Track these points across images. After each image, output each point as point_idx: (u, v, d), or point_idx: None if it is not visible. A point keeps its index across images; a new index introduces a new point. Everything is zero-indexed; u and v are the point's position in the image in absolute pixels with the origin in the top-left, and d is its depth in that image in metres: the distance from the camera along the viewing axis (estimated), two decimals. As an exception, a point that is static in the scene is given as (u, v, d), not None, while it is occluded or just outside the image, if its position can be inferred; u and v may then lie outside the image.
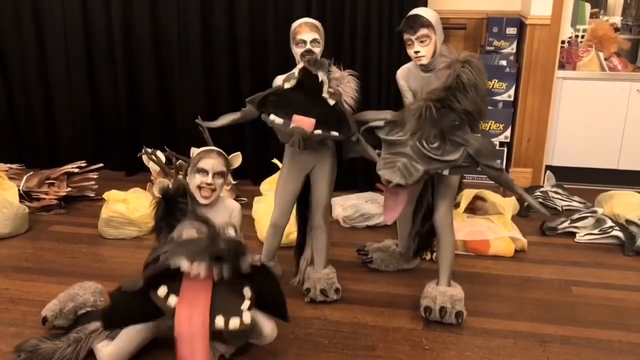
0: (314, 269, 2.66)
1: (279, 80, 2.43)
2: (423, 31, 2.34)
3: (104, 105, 4.26)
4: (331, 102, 2.31)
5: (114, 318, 2.05)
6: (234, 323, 1.88)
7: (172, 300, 1.88)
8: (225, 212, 2.28)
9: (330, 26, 3.76)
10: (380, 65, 3.84)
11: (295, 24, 2.46)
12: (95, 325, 2.19)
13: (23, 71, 4.23)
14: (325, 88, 2.30)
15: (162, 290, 1.88)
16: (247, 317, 1.91)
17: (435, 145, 2.19)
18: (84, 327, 2.22)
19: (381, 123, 2.32)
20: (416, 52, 2.38)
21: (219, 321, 1.87)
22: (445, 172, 2.25)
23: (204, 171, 2.18)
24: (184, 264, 1.83)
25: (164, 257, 1.89)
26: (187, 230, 1.97)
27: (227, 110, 2.61)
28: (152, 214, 2.17)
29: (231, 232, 1.94)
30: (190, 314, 1.86)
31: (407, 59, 2.55)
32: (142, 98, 4.19)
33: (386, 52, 3.82)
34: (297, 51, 2.42)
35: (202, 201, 2.19)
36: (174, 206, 2.12)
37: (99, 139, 4.33)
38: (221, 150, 2.32)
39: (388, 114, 2.35)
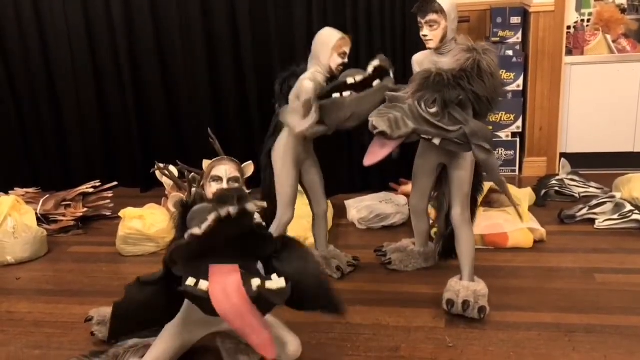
0: (318, 251, 2.91)
1: (312, 87, 2.44)
2: (432, 16, 2.37)
3: (114, 123, 4.29)
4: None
5: (122, 320, 1.96)
6: (270, 283, 1.79)
7: (203, 284, 1.78)
8: None
9: (331, 16, 3.76)
10: (384, 43, 3.81)
11: (336, 34, 2.55)
12: (134, 341, 2.21)
13: (33, 96, 4.28)
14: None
15: (191, 280, 1.80)
16: (281, 281, 1.81)
17: (433, 110, 2.17)
18: (124, 342, 2.23)
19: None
20: (424, 36, 2.42)
21: (255, 282, 1.78)
22: (436, 142, 2.22)
23: (218, 178, 2.18)
24: (196, 229, 1.74)
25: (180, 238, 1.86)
26: (197, 206, 1.97)
27: (235, 120, 2.62)
28: (173, 226, 2.17)
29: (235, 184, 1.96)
30: (224, 287, 1.76)
31: (412, 47, 2.57)
32: (151, 114, 4.22)
33: (390, 40, 3.79)
34: (337, 61, 2.54)
35: None
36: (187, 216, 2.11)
37: (112, 157, 4.36)
38: (232, 158, 2.32)
39: None
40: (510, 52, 3.98)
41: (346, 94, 2.39)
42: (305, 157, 2.74)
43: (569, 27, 4.04)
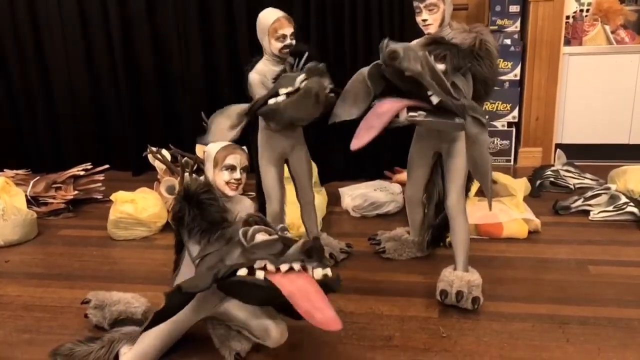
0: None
1: (256, 79, 2.44)
2: None
3: (106, 106, 4.25)
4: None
5: (161, 320, 1.96)
6: (327, 272, 1.84)
7: (260, 273, 1.79)
8: (243, 210, 2.27)
9: (330, 10, 3.71)
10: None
11: (270, 17, 2.43)
12: (132, 328, 2.19)
13: (25, 77, 4.24)
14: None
15: (243, 271, 1.80)
16: (329, 271, 1.86)
17: (442, 67, 2.13)
18: (120, 328, 2.22)
19: None
20: (424, 20, 2.38)
21: (317, 273, 1.81)
22: (434, 99, 2.09)
23: (232, 167, 2.16)
24: (270, 265, 1.78)
25: (222, 259, 1.86)
26: (261, 234, 1.89)
27: (229, 104, 2.58)
28: (176, 215, 2.08)
29: (289, 235, 1.92)
30: (286, 271, 1.79)
31: (411, 38, 2.52)
32: (144, 97, 4.18)
33: (388, 30, 3.75)
34: (276, 45, 2.44)
35: (231, 193, 2.17)
36: (201, 203, 2.05)
37: (104, 140, 4.32)
38: (239, 146, 2.28)
39: None
40: (508, 41, 3.95)
41: (280, 98, 2.31)
42: (290, 148, 2.62)
43: (567, 17, 4.01)
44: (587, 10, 4.15)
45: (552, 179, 3.69)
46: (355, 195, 3.50)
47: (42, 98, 4.25)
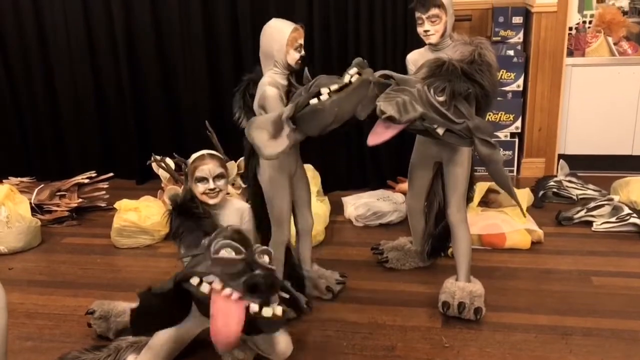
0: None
1: (275, 94, 2.27)
2: (434, 11, 2.35)
3: (111, 114, 4.26)
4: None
5: (142, 321, 2.00)
6: (267, 311, 1.80)
7: (205, 287, 1.81)
8: (236, 213, 2.27)
9: (333, 14, 3.73)
10: (386, 52, 3.79)
11: (287, 27, 2.30)
12: (138, 337, 2.19)
13: (29, 85, 4.25)
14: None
15: (195, 280, 1.83)
16: (278, 310, 1.83)
17: (441, 99, 2.14)
18: (126, 337, 2.22)
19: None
20: (426, 31, 2.39)
21: (253, 307, 1.79)
22: (440, 131, 2.16)
23: (203, 179, 2.16)
24: (217, 284, 1.79)
25: (197, 265, 1.86)
26: (226, 250, 1.85)
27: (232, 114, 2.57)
28: (167, 224, 2.18)
29: (265, 259, 1.89)
30: (226, 301, 1.78)
31: (414, 44, 2.53)
32: (149, 105, 4.19)
33: (391, 38, 3.76)
34: (294, 56, 2.30)
35: (211, 202, 2.18)
36: (188, 211, 2.12)
37: (108, 148, 4.34)
38: (213, 152, 2.26)
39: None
40: (511, 52, 3.96)
41: (323, 97, 2.09)
42: (295, 167, 2.47)
43: (570, 28, 4.02)
44: (590, 22, 4.16)
45: (555, 190, 3.69)
46: (358, 204, 3.50)
47: (46, 106, 4.27)
